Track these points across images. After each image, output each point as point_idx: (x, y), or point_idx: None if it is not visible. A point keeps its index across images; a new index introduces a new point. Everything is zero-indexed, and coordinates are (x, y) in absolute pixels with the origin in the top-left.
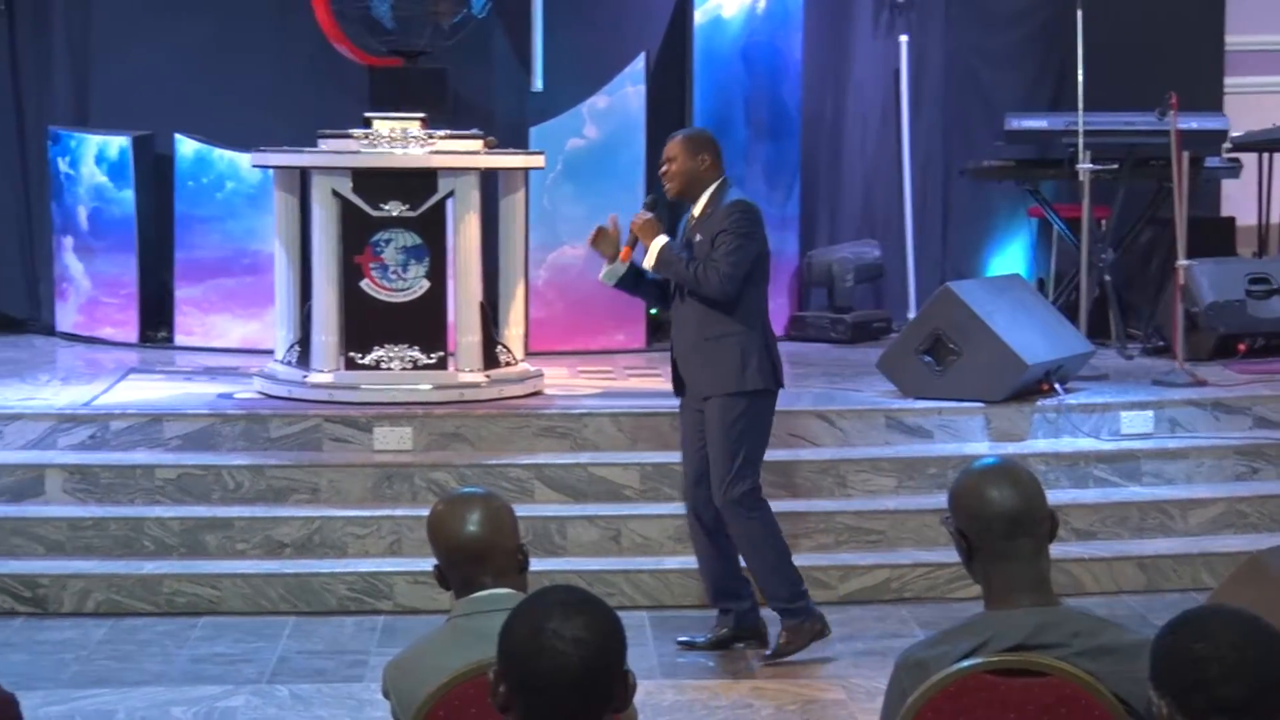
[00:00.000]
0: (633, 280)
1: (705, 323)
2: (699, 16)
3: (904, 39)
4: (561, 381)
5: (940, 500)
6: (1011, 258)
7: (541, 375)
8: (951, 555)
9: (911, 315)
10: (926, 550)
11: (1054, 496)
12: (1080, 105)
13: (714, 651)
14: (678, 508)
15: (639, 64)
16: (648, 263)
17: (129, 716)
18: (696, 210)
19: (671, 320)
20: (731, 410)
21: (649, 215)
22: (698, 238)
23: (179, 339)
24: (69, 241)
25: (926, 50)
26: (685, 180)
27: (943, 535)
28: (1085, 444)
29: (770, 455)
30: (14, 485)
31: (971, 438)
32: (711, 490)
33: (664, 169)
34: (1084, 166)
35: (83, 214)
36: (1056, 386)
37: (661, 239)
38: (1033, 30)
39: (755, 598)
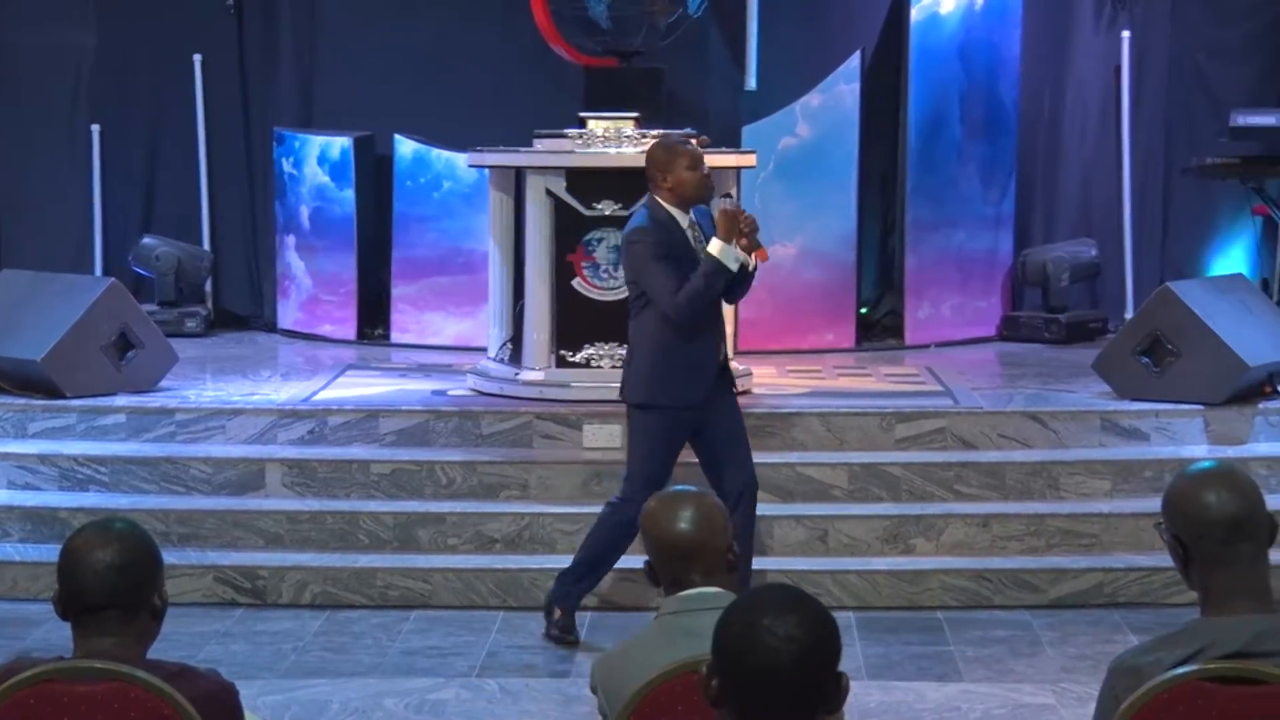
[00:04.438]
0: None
1: None
2: (915, 14)
3: (1126, 34)
4: (770, 381)
5: (1156, 504)
6: (1234, 258)
7: (750, 374)
8: (1167, 560)
9: (1129, 315)
10: (1141, 554)
11: (1276, 502)
12: None
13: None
14: (887, 508)
15: (854, 62)
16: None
17: (343, 707)
18: (688, 219)
19: (706, 325)
20: None
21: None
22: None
23: (395, 336)
24: (291, 240)
25: (1150, 45)
26: None
27: (1159, 540)
28: None
29: (980, 456)
30: (236, 478)
31: (1190, 441)
32: (745, 472)
33: (710, 174)
34: None
35: (305, 213)
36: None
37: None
38: (1262, 25)
39: None
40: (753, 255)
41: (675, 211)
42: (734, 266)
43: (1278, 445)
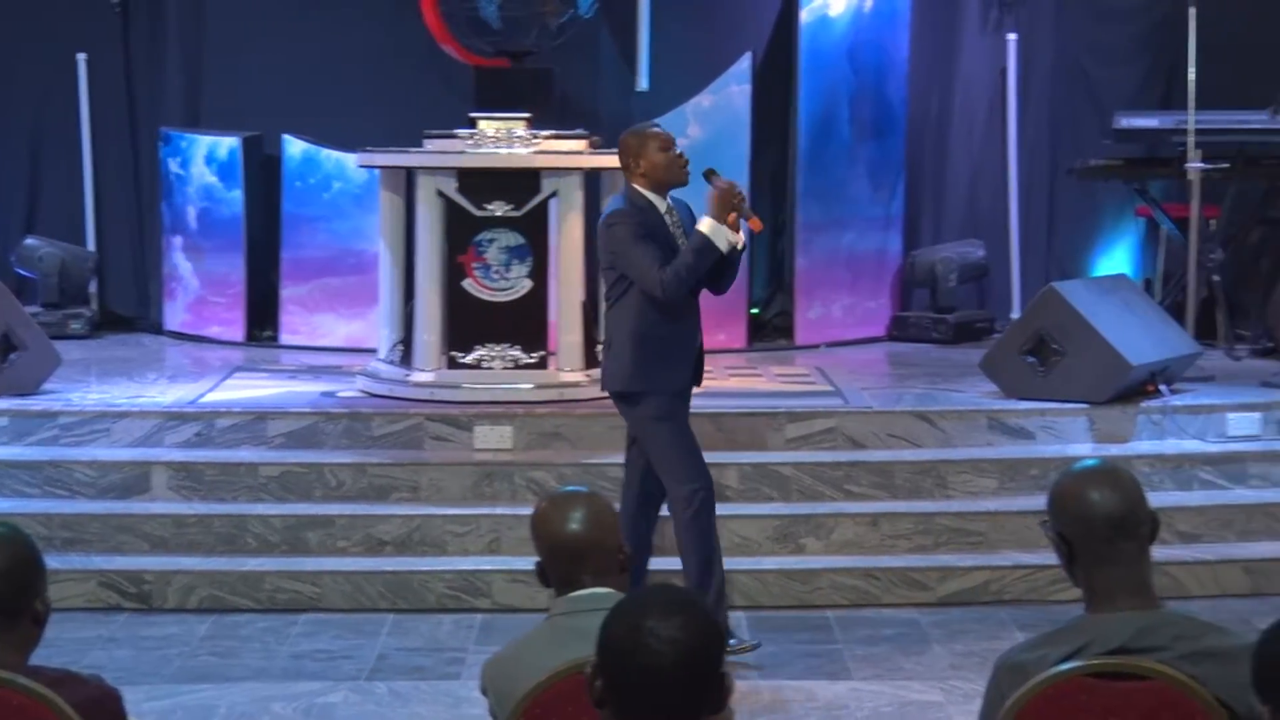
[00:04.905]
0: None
1: None
2: (805, 16)
3: (1012, 37)
4: None
5: (1042, 502)
6: (1118, 258)
7: None
8: (1052, 557)
9: (1015, 315)
10: (1027, 552)
11: (1158, 499)
12: (1191, 104)
13: None
14: (777, 508)
15: (744, 63)
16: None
17: (230, 712)
18: (665, 203)
19: (686, 311)
20: None
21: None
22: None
23: (284, 338)
24: (178, 241)
25: (1035, 48)
26: None
27: (1044, 537)
28: (1191, 446)
29: (870, 456)
30: (121, 482)
31: (1074, 439)
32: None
33: (683, 155)
34: (1194, 165)
35: (192, 214)
36: (1162, 388)
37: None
38: (1145, 28)
39: None
40: (744, 224)
41: (653, 197)
42: (724, 247)
43: (1160, 444)
